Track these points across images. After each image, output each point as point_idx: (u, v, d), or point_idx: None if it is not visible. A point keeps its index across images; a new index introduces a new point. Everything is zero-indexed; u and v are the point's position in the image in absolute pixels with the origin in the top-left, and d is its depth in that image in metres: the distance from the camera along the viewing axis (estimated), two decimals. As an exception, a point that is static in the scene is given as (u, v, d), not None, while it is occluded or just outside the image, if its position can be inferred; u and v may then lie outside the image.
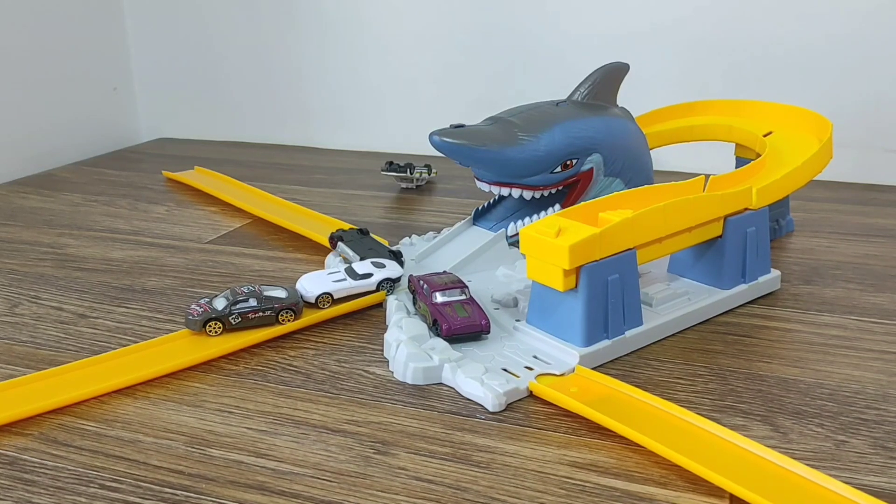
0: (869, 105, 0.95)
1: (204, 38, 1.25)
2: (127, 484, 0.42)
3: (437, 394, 0.51)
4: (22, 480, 0.42)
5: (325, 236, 0.73)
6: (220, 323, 0.56)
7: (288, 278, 0.68)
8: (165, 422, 0.48)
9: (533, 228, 0.52)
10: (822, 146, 0.67)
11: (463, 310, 0.55)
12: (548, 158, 0.64)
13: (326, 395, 0.51)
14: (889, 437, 0.45)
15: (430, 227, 0.79)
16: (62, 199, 0.94)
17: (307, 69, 1.20)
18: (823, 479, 0.40)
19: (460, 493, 0.41)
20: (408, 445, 0.45)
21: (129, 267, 0.72)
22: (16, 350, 0.57)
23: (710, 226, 0.59)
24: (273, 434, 0.46)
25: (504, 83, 1.10)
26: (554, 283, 0.52)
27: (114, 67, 1.26)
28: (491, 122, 0.65)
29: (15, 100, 1.08)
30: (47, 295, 0.66)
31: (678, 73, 1.02)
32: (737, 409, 0.48)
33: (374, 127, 1.19)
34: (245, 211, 0.86)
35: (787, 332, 0.58)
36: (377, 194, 0.94)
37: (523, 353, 0.53)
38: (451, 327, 0.54)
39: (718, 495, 0.41)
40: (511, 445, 0.45)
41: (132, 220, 0.86)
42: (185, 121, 1.29)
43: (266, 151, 1.19)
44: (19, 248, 0.77)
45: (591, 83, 0.69)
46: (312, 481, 0.42)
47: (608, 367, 0.53)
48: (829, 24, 0.96)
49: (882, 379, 0.52)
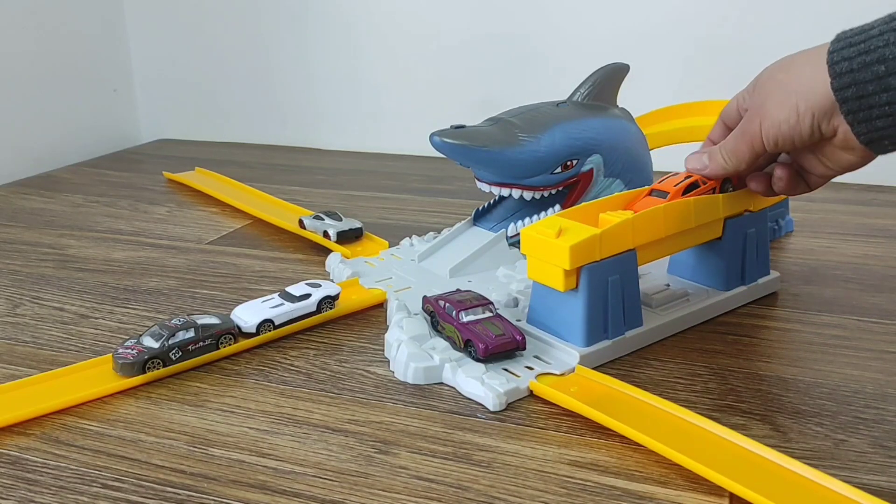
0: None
1: (204, 39, 1.25)
2: (129, 483, 0.42)
3: (438, 393, 0.51)
4: (24, 480, 0.43)
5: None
6: (161, 361, 0.52)
7: (289, 279, 0.68)
8: (167, 421, 0.48)
9: (533, 229, 0.52)
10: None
11: (495, 327, 0.53)
12: (548, 159, 0.64)
13: (328, 394, 0.51)
14: (888, 436, 0.46)
15: (431, 227, 0.79)
16: (63, 200, 0.94)
17: (308, 70, 1.21)
18: (823, 478, 0.40)
19: (461, 493, 0.41)
20: (409, 445, 0.45)
21: (130, 268, 0.72)
22: (17, 350, 0.57)
23: (709, 227, 0.59)
24: (275, 434, 0.47)
25: (504, 84, 1.10)
26: (554, 284, 0.52)
27: (114, 69, 1.26)
28: (491, 122, 0.65)
29: (16, 101, 1.08)
30: (49, 295, 0.66)
31: (678, 73, 1.03)
32: (736, 408, 0.49)
33: (375, 128, 1.19)
34: (245, 212, 0.86)
35: (787, 331, 0.59)
36: (378, 195, 0.95)
37: (524, 353, 0.53)
38: (489, 347, 0.51)
39: (718, 494, 0.41)
40: (512, 445, 0.45)
41: (133, 220, 0.86)
42: (186, 122, 1.30)
43: (267, 152, 1.19)
44: (21, 248, 0.78)
45: (592, 84, 0.70)
46: (314, 480, 0.42)
47: (608, 367, 0.53)
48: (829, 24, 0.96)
49: (881, 378, 0.52)
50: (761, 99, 0.49)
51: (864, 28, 0.45)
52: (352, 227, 0.75)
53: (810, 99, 0.46)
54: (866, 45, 0.43)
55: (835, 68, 0.44)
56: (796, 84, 0.47)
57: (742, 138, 0.51)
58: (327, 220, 0.76)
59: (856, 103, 0.44)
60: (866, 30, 0.44)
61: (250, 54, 1.23)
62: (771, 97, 0.48)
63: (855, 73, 0.43)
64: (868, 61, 0.43)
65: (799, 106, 0.46)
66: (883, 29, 0.43)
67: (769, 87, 0.48)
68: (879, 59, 0.42)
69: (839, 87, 0.44)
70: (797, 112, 0.46)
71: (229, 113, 1.27)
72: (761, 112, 0.49)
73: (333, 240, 0.74)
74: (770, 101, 0.48)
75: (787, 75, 0.47)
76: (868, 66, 0.43)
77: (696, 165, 0.56)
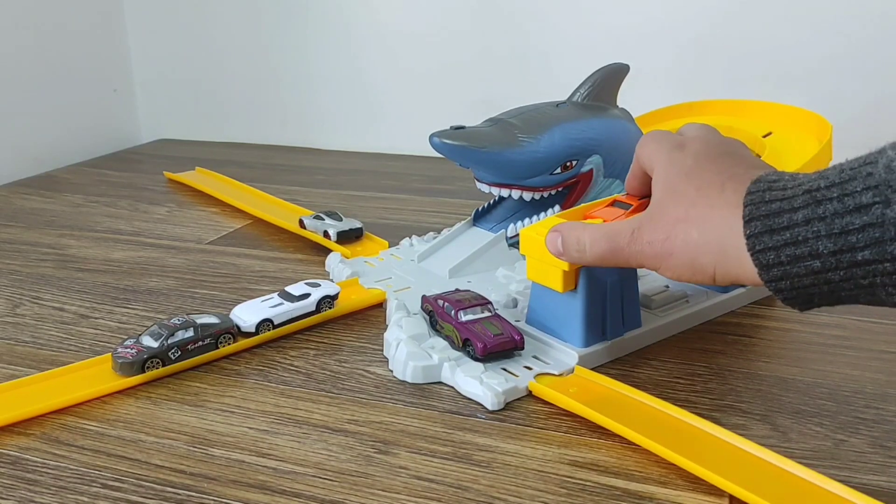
0: (870, 107, 0.95)
1: (204, 39, 1.25)
2: (129, 483, 0.42)
3: (438, 393, 0.51)
4: (24, 480, 0.43)
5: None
6: (160, 360, 0.52)
7: (288, 278, 0.68)
8: (167, 421, 0.48)
9: (533, 229, 0.53)
10: (822, 147, 0.67)
11: (493, 326, 0.53)
12: (547, 160, 0.64)
13: (327, 394, 0.51)
14: (888, 437, 0.46)
15: (430, 227, 0.79)
16: (63, 200, 0.94)
17: (308, 70, 1.21)
18: (822, 479, 0.40)
19: (461, 493, 0.41)
20: (409, 445, 0.45)
21: (130, 267, 0.72)
22: (17, 350, 0.57)
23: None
24: (274, 434, 0.47)
25: (504, 84, 1.10)
26: (553, 284, 0.52)
27: (114, 68, 1.26)
28: (491, 123, 0.65)
29: (15, 101, 1.08)
30: (49, 295, 0.66)
31: (678, 73, 1.03)
32: (736, 408, 0.49)
33: (375, 128, 1.19)
34: (246, 212, 0.86)
35: (787, 331, 0.59)
36: (378, 195, 0.95)
37: (522, 353, 0.53)
38: (487, 346, 0.51)
39: (718, 494, 0.41)
40: (512, 445, 0.45)
41: (133, 220, 0.86)
42: (186, 122, 1.30)
43: (267, 152, 1.19)
44: (20, 248, 0.78)
45: (592, 84, 0.70)
46: (314, 480, 0.42)
47: (608, 367, 0.53)
48: (829, 24, 0.96)
49: (881, 378, 0.52)
50: (667, 248, 0.43)
51: (782, 207, 0.38)
52: (352, 227, 0.75)
53: (731, 272, 0.41)
54: (792, 235, 0.37)
55: (759, 258, 0.39)
56: (714, 257, 0.41)
57: (620, 253, 0.46)
58: (328, 220, 0.76)
59: (791, 292, 0.39)
60: (786, 210, 0.38)
61: (250, 54, 1.23)
62: (682, 255, 0.43)
63: (786, 267, 0.38)
64: (799, 254, 0.37)
65: (717, 274, 0.42)
66: (808, 215, 0.37)
67: (677, 243, 0.43)
68: (812, 253, 0.37)
69: (770, 279, 0.39)
70: (712, 277, 0.42)
71: (229, 113, 1.27)
72: (664, 262, 0.44)
73: (334, 240, 0.74)
74: (679, 258, 0.43)
75: (701, 237, 0.42)
76: (799, 261, 0.37)
77: (551, 249, 0.50)
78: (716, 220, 0.41)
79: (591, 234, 0.47)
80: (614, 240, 0.46)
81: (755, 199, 0.39)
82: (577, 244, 0.48)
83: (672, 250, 0.43)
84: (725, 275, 0.41)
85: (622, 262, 0.46)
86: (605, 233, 0.47)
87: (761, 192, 0.39)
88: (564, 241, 0.49)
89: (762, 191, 0.40)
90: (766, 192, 0.39)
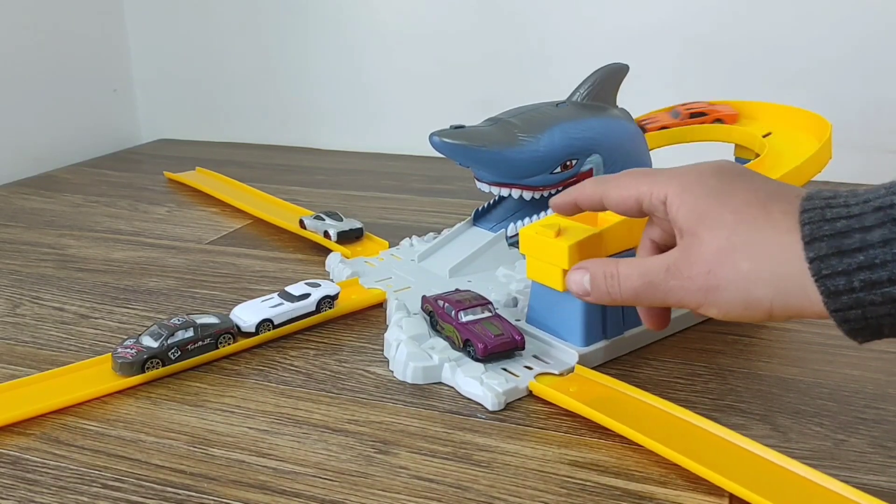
0: (869, 106, 0.95)
1: (204, 39, 1.25)
2: (129, 483, 0.42)
3: (438, 393, 0.51)
4: (24, 480, 0.43)
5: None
6: (160, 360, 0.52)
7: (289, 278, 0.68)
8: (167, 421, 0.48)
9: (532, 228, 0.52)
10: (821, 147, 0.67)
11: (494, 326, 0.53)
12: (547, 159, 0.64)
13: (327, 394, 0.51)
14: (888, 436, 0.46)
15: (430, 227, 0.79)
16: (63, 200, 0.94)
17: (308, 70, 1.21)
18: (822, 479, 0.40)
19: (461, 493, 0.41)
20: (409, 445, 0.45)
21: (130, 267, 0.72)
22: (17, 350, 0.57)
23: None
24: (274, 434, 0.47)
25: (504, 84, 1.10)
26: (553, 283, 0.52)
27: (114, 68, 1.26)
28: (491, 122, 0.65)
29: (15, 101, 1.09)
30: (49, 295, 0.66)
31: (678, 73, 1.03)
32: (736, 408, 0.49)
33: (375, 128, 1.19)
34: (246, 212, 0.86)
35: (787, 331, 0.59)
36: (378, 195, 0.95)
37: (522, 353, 0.53)
38: (488, 346, 0.51)
39: (718, 494, 0.41)
40: (512, 445, 0.45)
41: (133, 220, 0.86)
42: (186, 122, 1.30)
43: (267, 152, 1.19)
44: (20, 248, 0.78)
45: (591, 84, 0.70)
46: (314, 480, 0.42)
47: (608, 367, 0.53)
48: (829, 24, 0.96)
49: (881, 378, 0.52)
50: (712, 281, 0.37)
51: (850, 226, 0.34)
52: (352, 227, 0.75)
53: (791, 304, 0.35)
54: (867, 258, 0.33)
55: (826, 284, 0.34)
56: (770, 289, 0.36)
57: (657, 290, 0.40)
58: (328, 220, 0.76)
59: (861, 322, 0.34)
60: (855, 229, 0.33)
61: (250, 54, 1.23)
62: (732, 290, 0.37)
63: (858, 294, 0.33)
64: (876, 280, 0.33)
65: (774, 309, 0.36)
66: (886, 235, 0.33)
67: (724, 276, 0.37)
68: (891, 278, 0.32)
69: (838, 307, 0.34)
70: (769, 312, 0.36)
71: (229, 113, 1.27)
72: (710, 297, 0.38)
73: (334, 240, 0.74)
74: (728, 293, 0.37)
75: (753, 266, 0.36)
76: (876, 287, 0.33)
77: (576, 290, 0.44)
78: (767, 245, 0.36)
79: (623, 269, 0.42)
80: (647, 276, 0.40)
81: (814, 218, 0.34)
82: (608, 279, 0.42)
83: (718, 284, 0.37)
84: (784, 308, 0.36)
85: (659, 300, 0.40)
86: (637, 267, 0.41)
87: (820, 210, 0.35)
88: (593, 278, 0.43)
89: (820, 208, 0.35)
90: (826, 210, 0.34)
